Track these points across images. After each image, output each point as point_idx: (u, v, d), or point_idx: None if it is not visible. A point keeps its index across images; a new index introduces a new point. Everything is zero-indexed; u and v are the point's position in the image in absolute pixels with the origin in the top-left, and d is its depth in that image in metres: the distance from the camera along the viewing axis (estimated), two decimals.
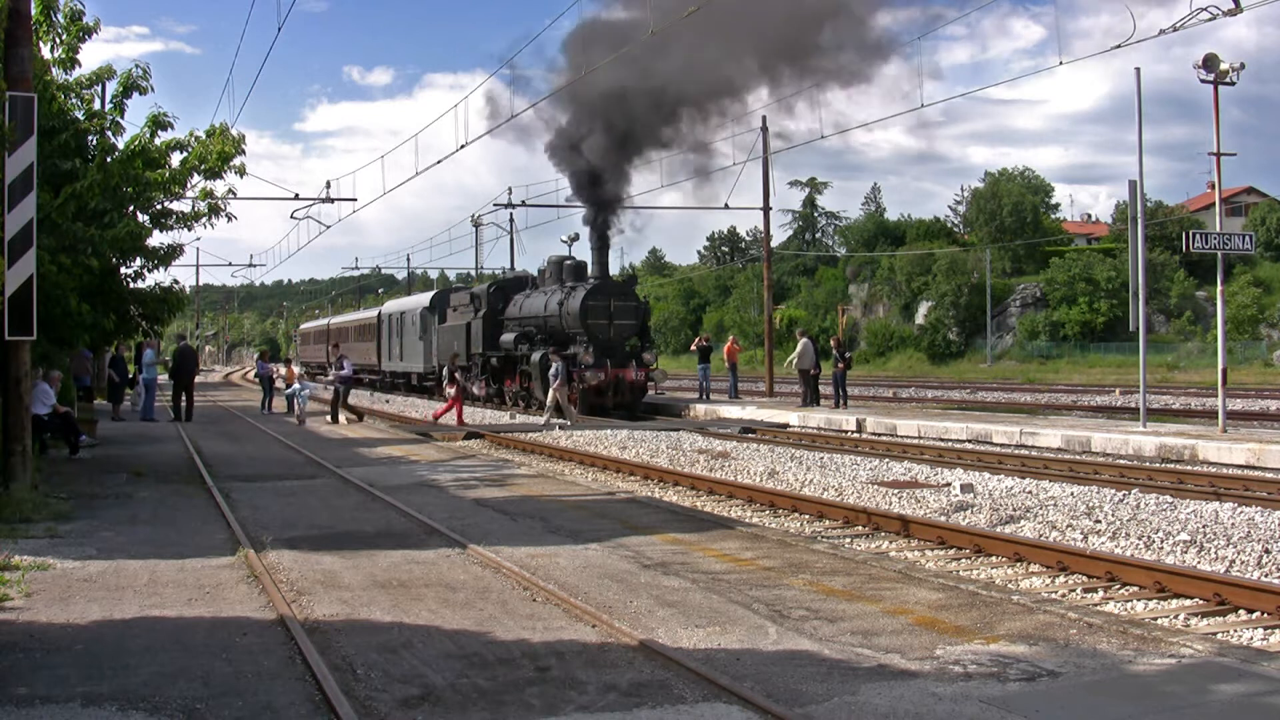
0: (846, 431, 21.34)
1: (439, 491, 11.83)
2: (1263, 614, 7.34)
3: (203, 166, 12.82)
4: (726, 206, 32.65)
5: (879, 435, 20.44)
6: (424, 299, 38.82)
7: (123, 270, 14.08)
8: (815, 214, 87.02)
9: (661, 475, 14.83)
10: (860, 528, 10.83)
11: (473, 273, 59.84)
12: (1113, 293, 56.84)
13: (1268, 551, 9.02)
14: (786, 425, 22.46)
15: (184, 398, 23.30)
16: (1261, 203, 64.70)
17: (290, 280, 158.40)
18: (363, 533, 9.20)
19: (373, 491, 11.60)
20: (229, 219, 14.15)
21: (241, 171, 13.06)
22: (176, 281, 15.11)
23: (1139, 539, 9.75)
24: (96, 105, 13.95)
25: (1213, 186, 21.54)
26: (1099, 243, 67.76)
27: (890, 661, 5.32)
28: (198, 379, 24.49)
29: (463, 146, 23.62)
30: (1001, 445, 18.14)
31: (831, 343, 26.56)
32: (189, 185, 13.15)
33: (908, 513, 11.27)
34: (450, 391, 24.77)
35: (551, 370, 22.83)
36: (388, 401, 35.43)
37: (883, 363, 63.78)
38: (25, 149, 9.92)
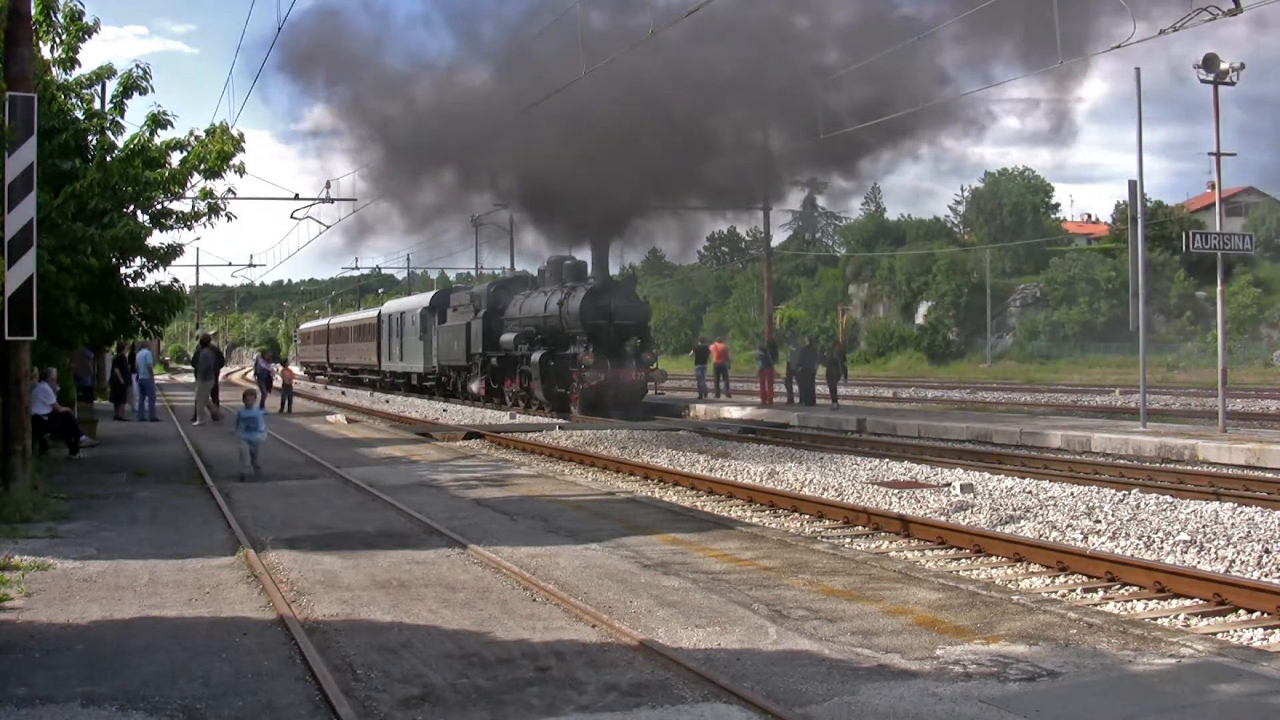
0: (847, 431, 21.34)
1: (439, 491, 11.83)
2: (1263, 614, 7.34)
3: (202, 166, 12.80)
4: (717, 204, 32.47)
5: (879, 435, 20.44)
6: (424, 299, 38.81)
7: (123, 270, 14.08)
8: (815, 214, 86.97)
9: (661, 475, 14.83)
10: (860, 528, 10.83)
11: (473, 273, 59.84)
12: (1113, 293, 56.80)
13: (1268, 551, 9.02)
14: (787, 425, 22.46)
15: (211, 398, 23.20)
16: (1261, 203, 64.68)
17: (290, 280, 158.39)
18: (363, 533, 9.20)
19: (373, 491, 11.60)
20: (229, 219, 14.15)
21: (241, 170, 13.03)
22: (176, 280, 15.10)
23: (1139, 539, 9.75)
24: (96, 105, 13.95)
25: (1213, 186, 21.56)
26: (1099, 243, 67.73)
27: (890, 661, 5.32)
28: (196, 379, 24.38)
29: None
30: (1001, 445, 18.13)
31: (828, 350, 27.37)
32: (189, 185, 13.14)
33: (908, 513, 11.26)
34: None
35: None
36: (388, 401, 35.42)
37: (883, 363, 63.73)
38: (25, 149, 9.91)
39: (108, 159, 12.15)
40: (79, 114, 13.04)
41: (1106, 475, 13.76)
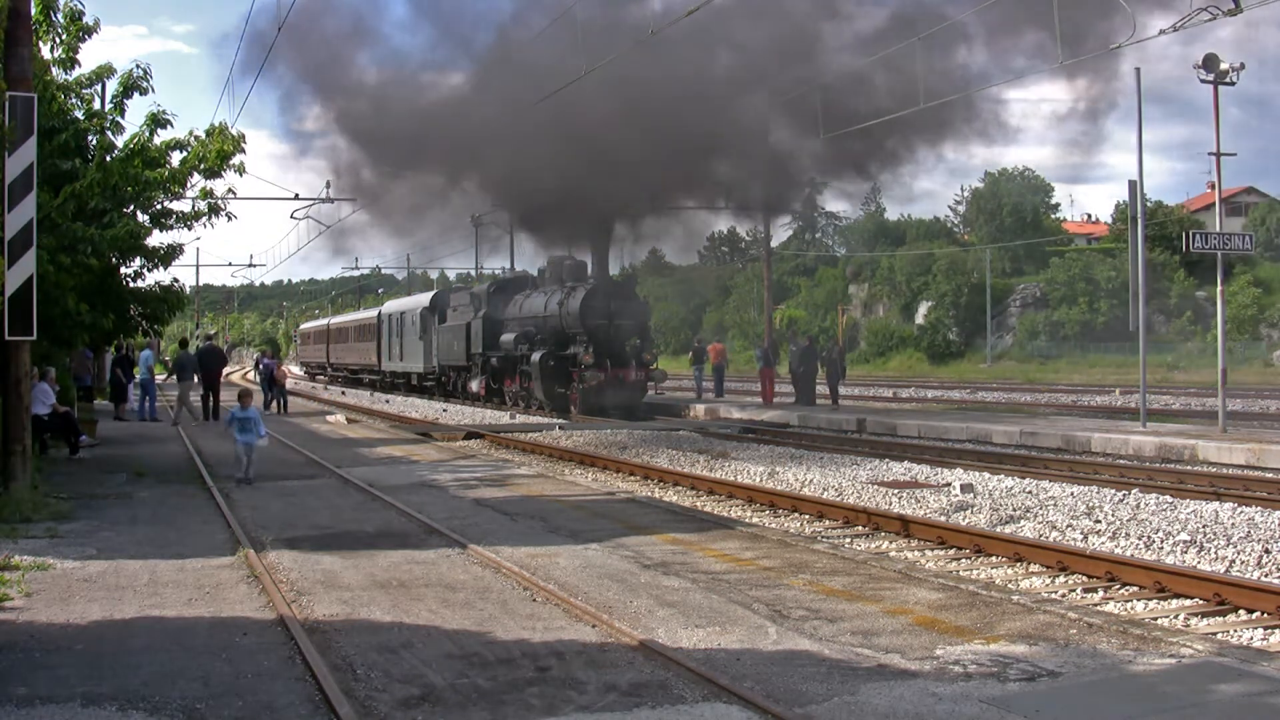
0: (847, 431, 21.34)
1: (439, 491, 11.83)
2: (1263, 614, 7.34)
3: (202, 166, 12.80)
4: (727, 206, 32.46)
5: (879, 435, 20.44)
6: (424, 299, 38.81)
7: (122, 270, 14.08)
8: (815, 214, 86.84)
9: (661, 475, 14.83)
10: (860, 528, 10.83)
11: (472, 273, 59.83)
12: (1113, 293, 56.79)
13: (1268, 551, 9.02)
14: (787, 425, 22.46)
15: (210, 398, 23.22)
16: (1261, 203, 64.69)
17: (290, 280, 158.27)
18: (363, 533, 9.20)
19: (373, 491, 11.60)
20: (229, 218, 14.15)
21: (241, 170, 13.02)
22: (176, 280, 15.10)
23: (1139, 539, 9.75)
24: (96, 105, 13.95)
25: (1213, 186, 21.57)
26: (1099, 243, 67.72)
27: (890, 661, 5.32)
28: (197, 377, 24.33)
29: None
30: (1001, 445, 18.13)
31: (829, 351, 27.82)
32: (189, 185, 13.14)
33: (908, 513, 11.26)
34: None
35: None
36: (388, 401, 35.42)
37: (883, 363, 63.74)
38: (25, 149, 9.92)
39: (108, 159, 12.16)
40: (79, 114, 13.04)
41: (1106, 475, 13.75)
